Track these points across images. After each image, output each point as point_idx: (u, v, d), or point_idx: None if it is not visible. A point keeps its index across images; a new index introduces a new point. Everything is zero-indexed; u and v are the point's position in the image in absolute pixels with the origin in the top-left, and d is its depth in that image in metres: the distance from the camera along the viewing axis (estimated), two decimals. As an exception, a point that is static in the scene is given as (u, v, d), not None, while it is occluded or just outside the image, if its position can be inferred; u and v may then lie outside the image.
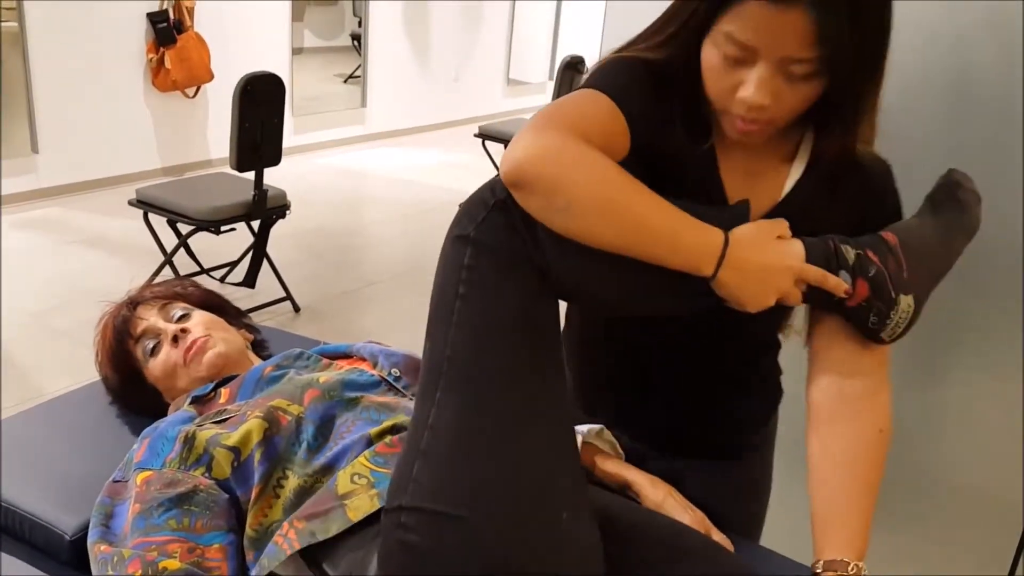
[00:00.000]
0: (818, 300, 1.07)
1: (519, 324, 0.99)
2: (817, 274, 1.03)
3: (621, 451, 1.35)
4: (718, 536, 1.24)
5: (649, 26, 1.11)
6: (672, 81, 1.09)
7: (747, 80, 0.99)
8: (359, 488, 1.13)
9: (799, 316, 1.25)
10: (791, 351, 1.32)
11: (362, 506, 1.10)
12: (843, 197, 1.14)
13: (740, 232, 1.02)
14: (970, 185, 1.16)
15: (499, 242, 0.99)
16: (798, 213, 1.12)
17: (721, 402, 1.33)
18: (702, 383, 1.30)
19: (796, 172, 1.15)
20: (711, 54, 1.02)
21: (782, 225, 1.05)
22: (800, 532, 1.18)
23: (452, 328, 0.98)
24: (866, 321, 1.07)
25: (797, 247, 1.04)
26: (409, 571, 0.95)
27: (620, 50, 1.13)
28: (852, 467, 1.10)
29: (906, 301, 1.07)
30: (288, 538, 1.10)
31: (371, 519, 1.08)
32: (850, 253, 1.05)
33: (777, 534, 1.48)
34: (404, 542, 0.95)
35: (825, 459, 1.12)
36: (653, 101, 1.09)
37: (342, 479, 1.16)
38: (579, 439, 1.29)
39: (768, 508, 1.47)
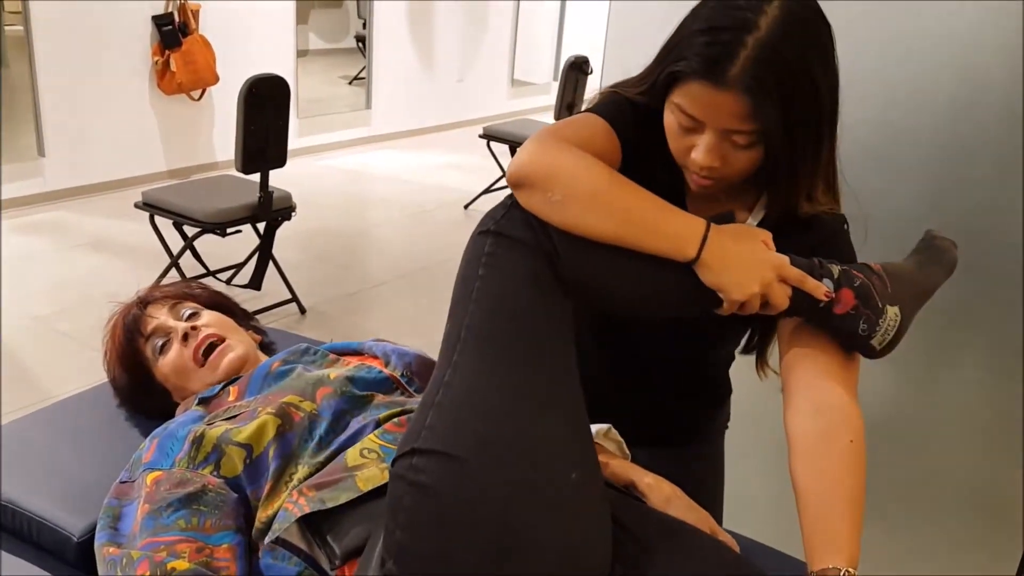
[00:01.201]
0: (805, 310, 1.12)
1: (535, 305, 1.06)
2: (796, 273, 1.09)
3: (627, 451, 1.35)
4: (723, 536, 1.24)
5: (640, 73, 1.22)
6: (648, 123, 1.18)
7: (698, 145, 1.10)
8: (368, 461, 1.18)
9: (774, 355, 1.26)
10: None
11: (372, 477, 1.14)
12: (795, 251, 1.17)
13: (725, 226, 1.10)
14: (946, 237, 1.28)
15: (517, 231, 1.07)
16: None
17: (675, 402, 1.46)
18: (670, 384, 1.43)
19: (753, 221, 1.23)
20: (669, 119, 1.13)
21: (765, 233, 1.11)
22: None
23: (471, 303, 1.06)
24: (856, 329, 1.11)
25: (781, 256, 1.10)
26: (419, 509, 0.97)
27: (616, 87, 1.24)
28: (835, 484, 1.10)
29: (893, 311, 1.12)
30: (298, 503, 1.13)
31: (378, 493, 1.11)
32: (835, 267, 1.11)
33: (777, 532, 1.48)
34: (415, 482, 0.97)
35: (808, 482, 1.12)
36: (639, 139, 1.19)
37: (351, 454, 1.20)
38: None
39: (765, 506, 1.47)
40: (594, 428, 1.32)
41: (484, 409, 1.01)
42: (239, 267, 4.05)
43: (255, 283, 3.85)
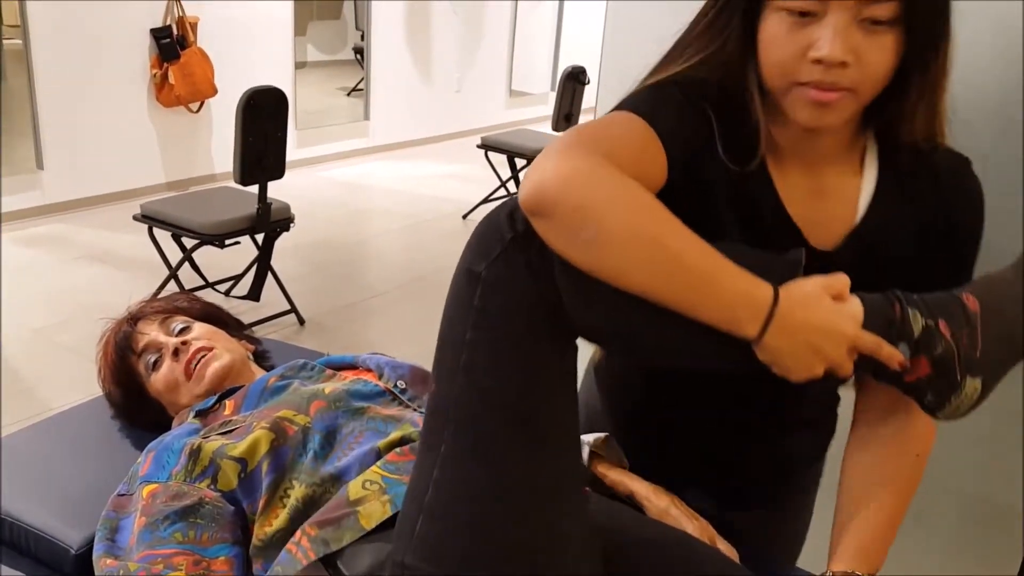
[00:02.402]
0: (871, 370, 0.94)
1: (529, 376, 0.92)
2: (872, 343, 0.90)
3: (625, 460, 1.35)
4: (723, 545, 1.23)
5: (677, 42, 1.03)
6: (710, 101, 1.00)
7: (821, 36, 0.88)
8: (370, 494, 1.14)
9: None
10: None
11: (374, 513, 1.10)
12: (920, 204, 1.04)
13: (793, 288, 0.88)
14: None
15: (512, 283, 0.90)
16: (878, 232, 1.04)
17: (767, 444, 1.24)
18: (745, 426, 1.21)
19: (868, 184, 1.04)
20: (771, 23, 0.92)
21: (840, 281, 0.91)
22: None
23: (459, 373, 0.92)
24: (922, 399, 0.95)
25: (855, 308, 0.90)
26: None
27: (650, 76, 1.04)
28: (881, 486, 1.08)
29: (972, 385, 0.93)
30: (302, 546, 1.10)
31: (386, 522, 1.08)
32: (917, 322, 0.91)
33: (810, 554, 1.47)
34: None
35: (856, 475, 1.10)
36: (691, 125, 0.99)
37: (353, 486, 1.16)
38: (585, 450, 1.29)
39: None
40: (592, 437, 1.31)
41: (474, 520, 0.92)
42: (238, 278, 4.05)
43: (254, 294, 3.85)
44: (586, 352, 1.15)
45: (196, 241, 3.59)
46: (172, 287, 3.67)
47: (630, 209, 0.85)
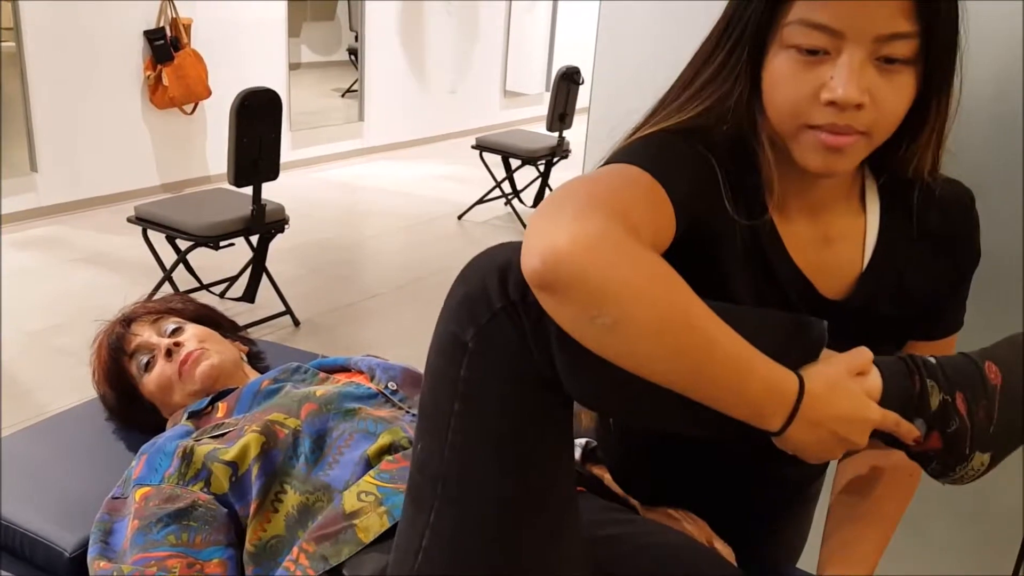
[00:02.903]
0: (882, 436, 0.91)
1: (521, 445, 0.86)
2: (892, 423, 0.87)
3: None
4: (719, 544, 1.23)
5: (675, 85, 0.97)
6: (715, 152, 0.93)
7: (835, 76, 0.82)
8: (367, 506, 1.13)
9: None
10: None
11: (372, 526, 1.10)
12: (926, 238, 1.01)
13: (817, 375, 0.83)
14: None
15: (502, 353, 0.83)
16: (888, 272, 1.01)
17: (772, 472, 1.19)
18: (752, 456, 1.10)
19: (873, 226, 1.00)
20: (779, 61, 0.86)
21: (863, 358, 0.87)
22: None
23: (447, 447, 0.86)
24: (928, 466, 0.93)
25: (875, 383, 0.86)
26: None
27: (646, 122, 0.97)
28: (874, 495, 1.08)
29: (980, 459, 0.90)
30: (300, 564, 1.10)
31: (384, 533, 1.08)
32: (935, 397, 0.88)
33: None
34: None
35: (849, 484, 1.10)
36: (699, 178, 0.92)
37: (348, 498, 1.14)
38: (577, 452, 1.29)
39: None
40: (583, 442, 1.31)
41: None
42: (232, 280, 4.05)
43: (249, 296, 3.84)
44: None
45: (190, 243, 3.59)
46: (167, 289, 3.67)
47: (658, 294, 0.75)
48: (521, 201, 5.87)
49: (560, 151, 5.60)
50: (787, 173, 0.95)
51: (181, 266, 3.74)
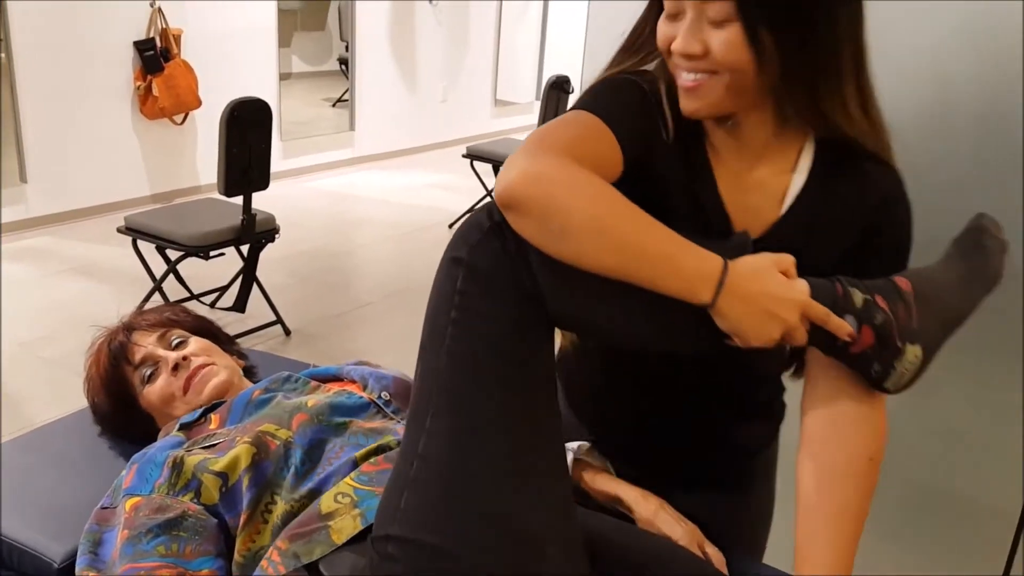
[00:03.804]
0: (821, 343, 1.03)
1: (510, 353, 0.98)
2: (821, 312, 0.99)
3: (611, 467, 1.35)
4: (710, 548, 1.24)
5: (621, 45, 1.13)
6: (653, 88, 1.10)
7: (679, 32, 1.02)
8: (342, 508, 1.14)
9: None
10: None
11: (345, 528, 1.11)
12: (846, 208, 1.11)
13: (743, 260, 0.98)
14: (998, 232, 1.11)
15: (492, 267, 0.97)
16: (801, 227, 1.11)
17: (721, 429, 1.31)
18: (701, 413, 1.28)
19: (797, 183, 1.12)
20: (660, 21, 1.05)
21: (787, 260, 1.00)
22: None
23: (443, 354, 0.98)
24: (869, 370, 1.03)
25: (802, 284, 1.00)
26: None
27: (606, 69, 1.14)
28: (838, 492, 1.10)
29: (913, 351, 1.02)
30: (272, 560, 1.11)
31: (357, 535, 1.09)
32: (858, 297, 1.01)
33: (782, 552, 1.48)
34: (391, 574, 0.96)
35: (812, 482, 1.12)
36: (642, 117, 1.09)
37: (325, 499, 1.17)
38: (570, 456, 1.29)
39: (773, 526, 1.45)
40: (576, 445, 1.32)
41: (458, 489, 0.96)
42: (223, 290, 4.04)
43: (239, 306, 3.84)
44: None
45: (180, 253, 3.58)
46: (157, 300, 3.66)
47: (591, 200, 0.94)
48: (512, 210, 5.85)
49: (551, 160, 5.59)
50: (717, 125, 1.11)
51: (171, 276, 3.74)
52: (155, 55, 5.35)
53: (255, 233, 3.68)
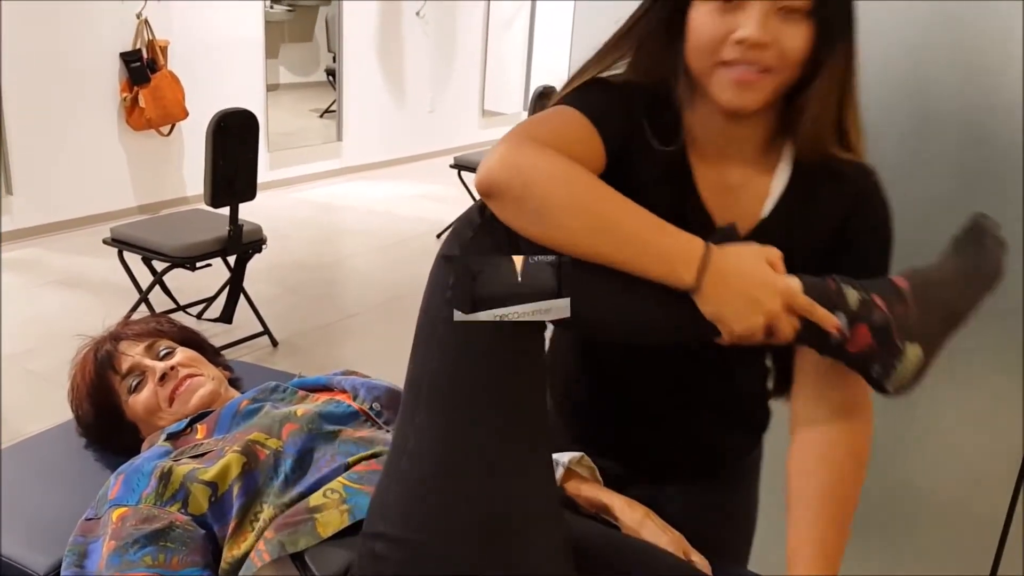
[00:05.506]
0: (815, 341, 1.01)
1: (501, 349, 0.98)
2: (805, 302, 0.97)
3: (599, 477, 1.35)
4: (696, 557, 1.24)
5: (606, 43, 1.12)
6: (638, 97, 1.10)
7: (744, 21, 0.99)
8: (330, 502, 1.15)
9: None
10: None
11: (332, 521, 1.12)
12: (824, 208, 1.12)
13: (728, 247, 0.97)
14: (997, 232, 1.09)
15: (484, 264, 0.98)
16: (781, 230, 1.11)
17: (704, 432, 1.31)
18: (684, 414, 1.28)
19: (778, 185, 1.13)
20: (699, 12, 1.02)
21: (774, 253, 0.99)
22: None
23: (434, 348, 0.98)
24: (869, 371, 1.01)
25: (793, 279, 0.98)
26: None
27: (581, 74, 1.13)
28: (827, 494, 1.11)
29: (913, 351, 0.99)
30: (258, 549, 1.12)
31: (345, 530, 1.10)
32: (853, 296, 0.99)
33: (770, 559, 1.48)
34: (379, 573, 0.97)
35: (801, 484, 1.13)
36: (623, 116, 1.09)
37: (315, 496, 1.18)
38: (559, 468, 1.30)
39: (761, 533, 1.46)
40: (567, 457, 1.32)
41: (447, 486, 0.96)
42: (210, 301, 4.03)
43: (226, 317, 3.83)
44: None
45: (167, 264, 3.57)
46: (143, 311, 3.64)
47: (569, 183, 0.94)
48: (499, 220, 5.86)
49: (538, 170, 5.60)
50: (706, 120, 1.10)
51: (157, 287, 3.73)
52: (141, 66, 5.34)
53: (242, 244, 3.67)
